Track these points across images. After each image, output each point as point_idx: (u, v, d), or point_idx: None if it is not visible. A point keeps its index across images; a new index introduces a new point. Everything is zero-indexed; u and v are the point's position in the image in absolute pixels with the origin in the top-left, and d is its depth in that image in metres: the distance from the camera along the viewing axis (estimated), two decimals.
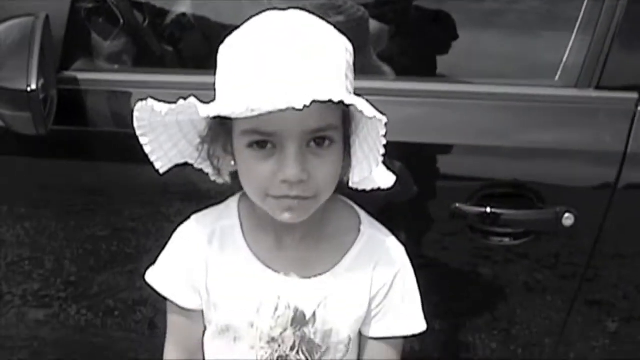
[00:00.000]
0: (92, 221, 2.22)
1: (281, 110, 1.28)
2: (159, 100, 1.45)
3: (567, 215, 1.95)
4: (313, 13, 1.49)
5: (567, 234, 2.02)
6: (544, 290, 2.15)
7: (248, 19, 1.49)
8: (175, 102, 1.42)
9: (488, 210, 1.97)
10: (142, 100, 1.47)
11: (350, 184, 1.62)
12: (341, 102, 1.35)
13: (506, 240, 2.04)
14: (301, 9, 1.50)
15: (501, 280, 2.14)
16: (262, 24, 1.44)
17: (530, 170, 1.98)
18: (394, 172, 1.65)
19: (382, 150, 1.46)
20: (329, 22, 1.49)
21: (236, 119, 1.40)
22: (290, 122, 1.37)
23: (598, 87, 1.98)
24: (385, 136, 1.41)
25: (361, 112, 1.35)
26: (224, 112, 1.32)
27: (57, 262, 2.32)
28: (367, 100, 1.38)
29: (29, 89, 1.84)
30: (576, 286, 2.12)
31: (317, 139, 1.44)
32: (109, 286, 2.33)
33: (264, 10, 1.49)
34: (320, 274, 1.65)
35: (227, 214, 1.70)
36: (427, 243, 2.09)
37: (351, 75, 1.48)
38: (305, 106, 1.26)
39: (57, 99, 1.99)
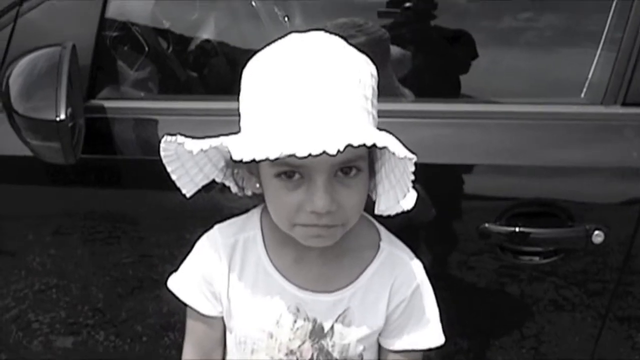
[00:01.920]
0: (119, 248, 2.22)
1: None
2: (186, 135, 1.47)
3: (596, 232, 1.95)
4: (335, 34, 1.49)
5: (597, 251, 2.01)
6: (574, 307, 2.14)
7: (271, 43, 1.48)
8: (203, 137, 1.43)
9: (517, 229, 1.97)
10: (170, 134, 1.48)
11: (376, 212, 1.61)
12: None
13: (536, 259, 2.04)
14: (323, 30, 1.49)
15: (531, 299, 2.13)
16: (287, 52, 1.44)
17: (558, 188, 1.98)
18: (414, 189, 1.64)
19: (410, 185, 1.47)
20: (351, 44, 1.48)
21: None
22: (320, 157, 1.36)
23: (624, 104, 1.98)
24: (414, 172, 1.42)
25: (393, 153, 1.35)
26: (258, 157, 1.31)
27: (84, 289, 2.32)
28: (392, 134, 1.38)
29: (57, 119, 1.84)
30: (607, 303, 2.11)
31: (345, 168, 1.44)
32: (136, 312, 2.33)
33: (287, 34, 1.49)
34: (339, 289, 1.65)
35: (250, 225, 1.71)
36: (457, 263, 2.09)
37: (376, 102, 1.48)
38: (338, 151, 1.26)
39: (84, 128, 1.99)
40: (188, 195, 1.64)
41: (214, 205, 1.81)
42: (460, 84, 2.46)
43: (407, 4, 2.63)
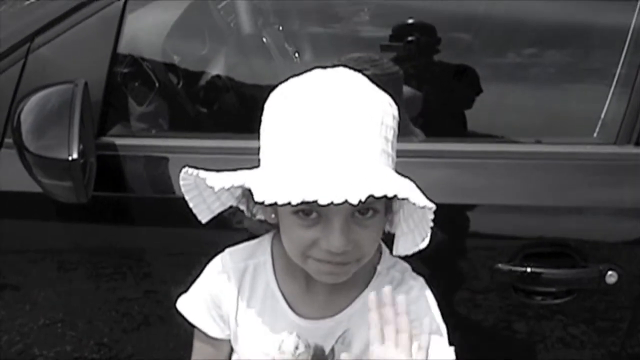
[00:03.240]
0: (125, 284, 2.21)
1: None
2: (200, 168, 1.48)
3: (610, 272, 1.95)
4: (357, 70, 1.48)
5: (610, 291, 2.00)
6: (587, 346, 2.13)
7: (294, 76, 1.48)
8: (223, 171, 1.44)
9: (530, 269, 1.96)
10: (191, 166, 1.49)
11: (394, 253, 1.61)
12: None
13: (549, 299, 2.03)
14: (344, 65, 1.49)
15: (542, 338, 2.12)
16: (310, 90, 1.43)
17: (572, 228, 1.98)
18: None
19: (429, 231, 1.47)
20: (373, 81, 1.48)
21: None
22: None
23: (638, 144, 1.98)
24: (433, 221, 1.42)
25: (414, 204, 1.35)
26: (280, 202, 1.30)
27: (89, 323, 2.30)
28: (411, 178, 1.39)
29: (70, 158, 1.83)
30: (620, 342, 2.10)
31: (362, 210, 1.44)
32: (142, 348, 2.32)
33: (309, 69, 1.49)
34: (338, 312, 1.65)
35: (260, 251, 1.71)
36: (469, 302, 2.08)
37: (396, 143, 1.48)
38: (360, 201, 1.26)
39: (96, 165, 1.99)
40: (203, 222, 1.65)
41: (221, 242, 1.80)
42: (472, 123, 2.46)
43: (410, 38, 2.64)
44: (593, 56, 2.45)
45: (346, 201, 1.25)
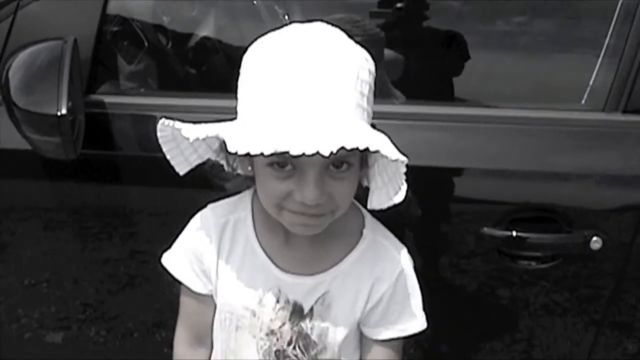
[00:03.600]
0: (111, 243, 2.22)
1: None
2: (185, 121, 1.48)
3: (595, 238, 1.96)
4: (336, 26, 1.49)
5: (595, 257, 2.02)
6: (570, 313, 2.15)
7: (273, 30, 1.49)
8: (201, 122, 1.44)
9: (516, 234, 1.97)
10: (167, 118, 1.50)
11: (369, 207, 1.62)
12: None
13: (533, 264, 2.05)
14: (323, 21, 1.49)
15: (525, 303, 2.14)
16: (287, 44, 1.44)
17: (558, 194, 1.98)
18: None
19: (402, 184, 1.48)
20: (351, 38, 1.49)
21: None
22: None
23: (625, 111, 1.99)
24: (405, 174, 1.43)
25: (386, 156, 1.36)
26: (253, 152, 1.32)
27: (75, 284, 2.31)
28: (387, 134, 1.40)
29: (59, 113, 1.83)
30: (602, 309, 2.12)
31: (336, 162, 1.45)
32: (127, 308, 2.33)
33: (288, 23, 1.49)
34: (320, 272, 1.67)
35: (241, 206, 1.73)
36: (454, 266, 2.09)
37: (372, 98, 1.49)
38: (331, 152, 1.27)
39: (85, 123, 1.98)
40: (181, 174, 1.65)
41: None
42: (462, 88, 2.47)
43: (399, 5, 2.63)
44: (582, 25, 2.45)
45: (318, 153, 1.26)
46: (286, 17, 2.74)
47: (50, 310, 2.35)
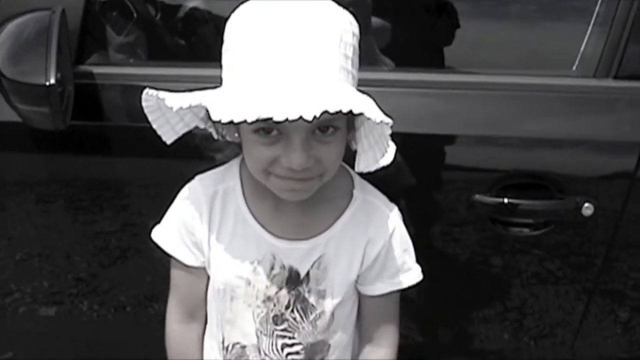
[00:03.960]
0: (102, 216, 2.21)
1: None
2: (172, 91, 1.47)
3: (586, 205, 1.96)
4: None
5: (586, 224, 2.02)
6: (562, 280, 2.15)
7: None
8: (185, 91, 1.44)
9: (507, 200, 1.97)
10: (152, 88, 1.49)
11: (356, 170, 1.61)
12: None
13: (526, 230, 2.05)
14: None
15: (517, 271, 2.14)
16: (270, 8, 1.42)
17: (549, 160, 1.98)
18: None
19: (388, 146, 1.48)
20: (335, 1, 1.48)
21: None
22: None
23: (617, 77, 1.98)
24: (391, 136, 1.43)
25: (369, 119, 1.35)
26: (236, 120, 1.31)
27: (67, 258, 2.30)
28: (372, 97, 1.40)
29: (47, 83, 1.82)
30: (594, 276, 2.12)
31: (322, 127, 1.45)
32: (120, 282, 2.33)
33: None
34: (314, 236, 1.68)
35: (229, 176, 1.72)
36: (446, 234, 2.09)
37: (357, 60, 1.49)
38: (315, 117, 1.27)
39: (74, 94, 1.97)
40: (168, 143, 1.65)
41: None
42: (453, 56, 2.46)
43: None
44: None
45: (301, 117, 1.25)
46: None
47: (43, 284, 2.35)
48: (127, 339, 2.43)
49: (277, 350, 1.74)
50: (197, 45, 2.55)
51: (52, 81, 1.82)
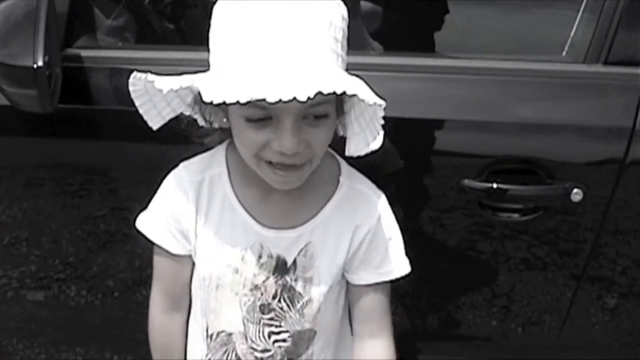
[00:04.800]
0: (90, 200, 2.21)
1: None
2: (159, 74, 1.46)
3: (575, 190, 1.96)
4: None
5: (575, 210, 2.02)
6: (550, 266, 2.15)
7: None
8: (173, 74, 1.43)
9: (496, 185, 1.97)
10: (139, 71, 1.48)
11: (347, 154, 1.62)
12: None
13: (515, 216, 2.05)
14: None
15: (506, 257, 2.15)
16: None
17: (539, 145, 1.98)
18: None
19: (380, 129, 1.48)
20: None
21: None
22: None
23: (606, 63, 1.98)
24: (383, 118, 1.43)
25: (362, 100, 1.35)
26: (228, 101, 1.30)
27: (55, 242, 2.30)
28: (363, 79, 1.39)
29: (35, 65, 1.82)
30: (583, 263, 2.13)
31: (313, 110, 1.45)
32: (108, 266, 2.32)
33: None
34: (301, 224, 1.68)
35: (215, 162, 1.72)
36: (435, 219, 2.09)
37: (345, 44, 1.48)
38: (308, 98, 1.26)
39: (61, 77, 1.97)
40: (155, 128, 1.64)
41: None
42: (443, 40, 2.46)
43: None
44: None
45: (295, 99, 1.25)
46: None
47: (31, 269, 2.35)
48: (115, 323, 2.42)
49: (264, 337, 1.73)
50: (185, 28, 2.55)
51: (40, 63, 1.82)
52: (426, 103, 1.99)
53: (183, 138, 1.70)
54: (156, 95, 1.55)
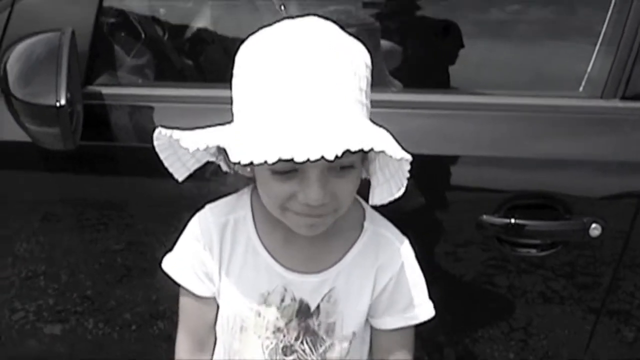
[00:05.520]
0: (108, 235, 2.21)
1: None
2: (180, 128, 1.49)
3: (594, 225, 1.96)
4: (328, 19, 1.48)
5: (594, 244, 2.03)
6: (569, 300, 2.15)
7: (264, 26, 1.48)
8: (197, 128, 1.46)
9: (515, 221, 1.97)
10: (164, 126, 1.50)
11: (370, 203, 1.63)
12: None
13: (533, 251, 2.05)
14: (317, 15, 1.49)
15: (525, 291, 2.14)
16: (281, 43, 1.42)
17: (557, 181, 1.98)
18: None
19: (405, 182, 1.49)
20: (344, 30, 1.48)
21: None
22: None
23: (624, 98, 1.99)
24: (409, 171, 1.44)
25: (390, 156, 1.36)
26: (256, 161, 1.30)
27: (72, 276, 2.30)
28: (390, 132, 1.40)
29: (58, 104, 1.83)
30: (602, 296, 2.12)
31: (339, 165, 1.44)
32: (125, 300, 2.32)
33: (280, 19, 1.48)
34: (325, 269, 1.67)
35: (240, 205, 1.71)
36: (454, 254, 2.09)
37: (369, 91, 1.49)
38: (336, 156, 1.27)
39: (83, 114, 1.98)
40: (180, 180, 1.66)
41: (204, 193, 1.81)
42: (452, 77, 2.48)
43: None
44: (579, 14, 2.46)
45: (323, 157, 1.25)
46: (282, 8, 2.74)
47: (48, 302, 2.35)
48: (133, 357, 2.42)
49: None
50: (205, 65, 2.56)
51: (62, 102, 1.83)
52: (444, 139, 2.01)
53: (200, 175, 1.71)
54: (180, 148, 1.56)
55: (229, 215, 1.70)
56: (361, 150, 1.33)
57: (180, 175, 1.65)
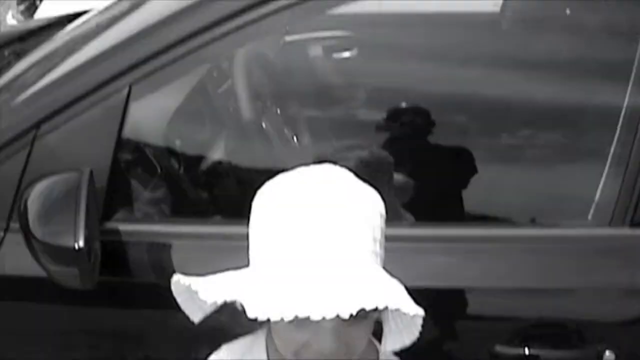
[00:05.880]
0: None
1: None
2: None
3: (607, 353, 1.96)
4: (344, 166, 1.50)
5: None
6: None
7: (280, 172, 1.50)
8: (215, 273, 1.46)
9: (528, 351, 1.97)
10: (183, 273, 1.50)
11: (381, 350, 1.62)
12: None
13: None
14: (333, 162, 1.52)
15: None
16: (295, 196, 1.43)
17: (568, 309, 1.99)
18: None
19: (417, 334, 1.47)
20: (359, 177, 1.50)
21: None
22: None
23: (633, 225, 2.00)
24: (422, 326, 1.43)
25: (406, 314, 1.36)
26: (273, 318, 1.30)
27: None
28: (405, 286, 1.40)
29: (76, 246, 1.86)
30: None
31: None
32: None
33: (295, 166, 1.51)
34: None
35: (256, 348, 1.70)
36: None
37: (383, 240, 1.49)
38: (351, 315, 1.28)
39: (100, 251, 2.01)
40: (196, 322, 1.64)
41: (221, 329, 1.82)
42: (464, 204, 2.51)
43: (405, 120, 2.68)
44: (586, 136, 2.49)
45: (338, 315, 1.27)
46: (295, 139, 2.78)
47: None
48: None
49: None
50: (221, 198, 2.59)
51: (81, 244, 1.86)
52: (456, 272, 2.03)
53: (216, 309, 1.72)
54: (197, 294, 1.58)
55: (245, 356, 1.70)
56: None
57: (196, 317, 1.64)
